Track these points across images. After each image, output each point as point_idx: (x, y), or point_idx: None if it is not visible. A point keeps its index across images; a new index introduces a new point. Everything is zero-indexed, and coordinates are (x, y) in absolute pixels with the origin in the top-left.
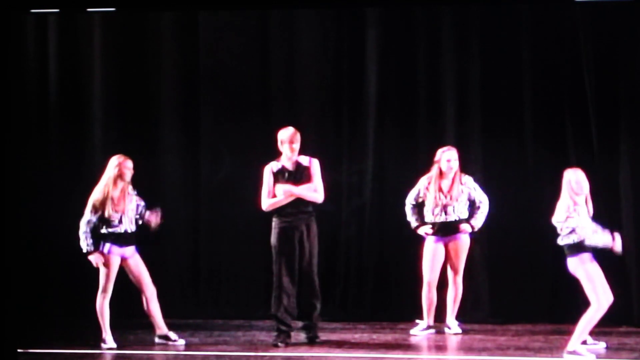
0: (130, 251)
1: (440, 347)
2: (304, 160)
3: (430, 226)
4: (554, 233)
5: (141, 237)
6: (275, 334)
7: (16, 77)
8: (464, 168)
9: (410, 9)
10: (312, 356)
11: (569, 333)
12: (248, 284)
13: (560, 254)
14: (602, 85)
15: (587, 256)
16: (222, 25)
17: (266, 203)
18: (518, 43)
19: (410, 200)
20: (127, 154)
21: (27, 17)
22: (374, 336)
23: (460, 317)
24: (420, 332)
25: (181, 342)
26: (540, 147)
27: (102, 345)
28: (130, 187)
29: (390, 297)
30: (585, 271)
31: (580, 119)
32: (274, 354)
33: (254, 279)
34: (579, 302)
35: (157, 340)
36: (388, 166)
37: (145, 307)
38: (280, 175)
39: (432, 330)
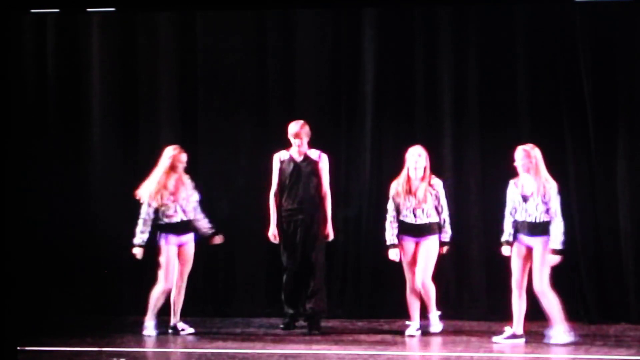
0: (186, 238)
1: (436, 344)
2: (314, 154)
3: (396, 252)
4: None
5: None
6: (288, 320)
7: (15, 77)
8: (462, 167)
9: (407, 8)
10: (310, 353)
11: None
12: (246, 282)
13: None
14: (599, 84)
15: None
16: (220, 24)
17: (271, 194)
18: (515, 42)
19: (389, 215)
20: (126, 152)
21: (25, 17)
22: (371, 333)
23: (458, 314)
24: (415, 332)
25: (189, 330)
26: (537, 145)
27: (142, 331)
28: (186, 178)
29: (386, 295)
30: None
31: (578, 118)
32: (271, 351)
33: (253, 276)
34: (575, 298)
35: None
36: (385, 166)
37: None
38: (286, 165)
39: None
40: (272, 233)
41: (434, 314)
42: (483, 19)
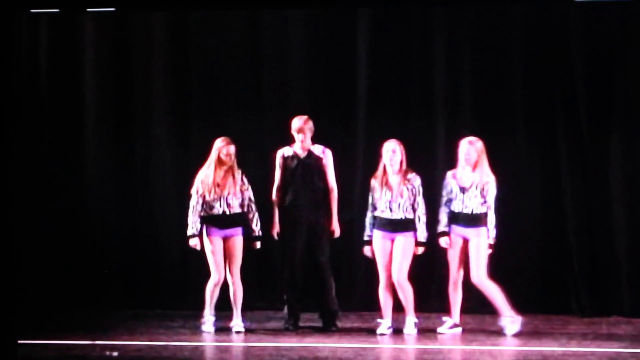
0: (231, 232)
1: (430, 337)
2: (317, 149)
3: (368, 249)
4: (543, 225)
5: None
6: (286, 318)
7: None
8: (455, 166)
9: (402, 7)
10: (302, 346)
11: (559, 322)
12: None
13: (549, 245)
14: (593, 81)
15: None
16: (214, 23)
17: (274, 191)
18: (510, 41)
19: (369, 211)
20: (121, 150)
21: (18, 16)
22: (364, 326)
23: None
24: (386, 330)
25: (238, 328)
26: (531, 142)
27: (200, 326)
28: (237, 172)
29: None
30: None
31: (571, 114)
32: (265, 344)
33: (246, 270)
34: (568, 291)
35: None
36: (378, 164)
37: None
38: (290, 161)
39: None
40: (276, 230)
41: (411, 318)
42: (477, 19)
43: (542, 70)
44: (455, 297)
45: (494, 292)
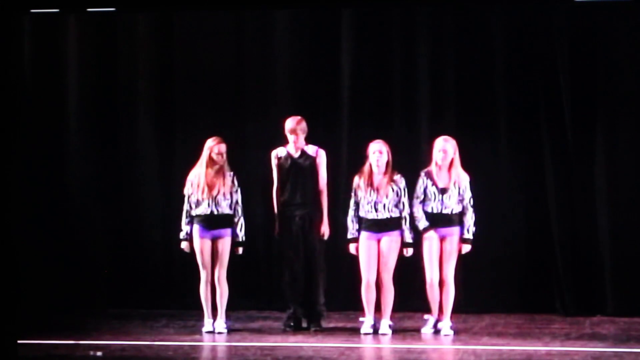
0: (221, 233)
1: (413, 337)
2: (311, 149)
3: (355, 246)
4: (526, 224)
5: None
6: (285, 318)
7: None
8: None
9: (385, 8)
10: (285, 346)
11: (543, 322)
12: None
13: (533, 244)
14: (577, 81)
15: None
16: (198, 23)
17: (274, 192)
18: (493, 41)
19: (351, 209)
20: (102, 150)
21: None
22: (347, 325)
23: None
24: (369, 328)
25: (221, 329)
26: (515, 143)
27: (200, 328)
28: (227, 172)
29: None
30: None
31: (555, 114)
32: (249, 344)
33: (230, 270)
34: (552, 291)
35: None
36: (361, 164)
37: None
38: (283, 161)
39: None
40: (277, 230)
41: (386, 321)
42: (460, 19)
43: (526, 70)
44: (434, 296)
45: (451, 296)
